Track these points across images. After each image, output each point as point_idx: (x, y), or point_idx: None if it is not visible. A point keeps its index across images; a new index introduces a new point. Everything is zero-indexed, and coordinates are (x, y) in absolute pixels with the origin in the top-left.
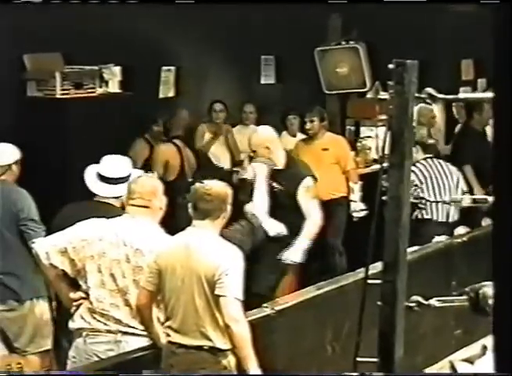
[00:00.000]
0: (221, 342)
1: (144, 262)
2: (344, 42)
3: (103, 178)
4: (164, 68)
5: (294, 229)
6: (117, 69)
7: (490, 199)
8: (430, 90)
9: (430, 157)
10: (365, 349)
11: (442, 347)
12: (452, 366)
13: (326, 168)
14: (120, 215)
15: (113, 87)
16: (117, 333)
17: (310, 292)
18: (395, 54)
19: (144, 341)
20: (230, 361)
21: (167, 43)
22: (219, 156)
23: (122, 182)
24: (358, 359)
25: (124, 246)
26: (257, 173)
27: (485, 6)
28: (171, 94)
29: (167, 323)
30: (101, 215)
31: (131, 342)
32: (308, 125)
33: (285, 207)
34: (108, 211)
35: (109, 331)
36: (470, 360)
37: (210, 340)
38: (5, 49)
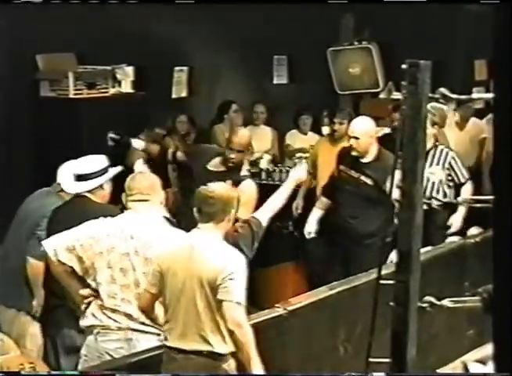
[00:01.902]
0: (221, 347)
1: (153, 253)
2: (356, 42)
3: (75, 177)
4: (177, 68)
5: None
6: (130, 69)
7: None
8: (443, 90)
9: None
10: (378, 350)
11: (455, 347)
12: (465, 367)
13: None
14: (98, 208)
15: (126, 87)
16: (128, 330)
17: (323, 292)
18: (408, 54)
19: (155, 340)
20: (230, 365)
21: (180, 43)
22: None
23: (93, 178)
24: (371, 359)
25: (131, 239)
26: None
27: (486, 6)
28: (183, 94)
29: (167, 326)
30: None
31: (142, 340)
32: (336, 126)
33: (372, 200)
34: (83, 203)
35: (120, 329)
36: (482, 361)
37: (210, 344)
38: (18, 49)
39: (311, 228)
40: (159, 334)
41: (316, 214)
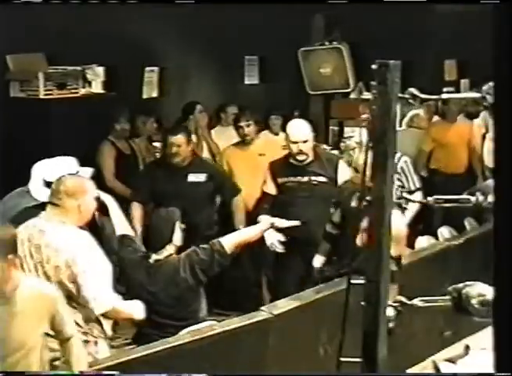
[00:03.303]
0: None
1: (61, 262)
2: (327, 43)
3: (44, 182)
4: (148, 69)
5: None
6: (101, 69)
7: (472, 199)
8: (413, 90)
9: None
10: (355, 350)
11: (427, 347)
12: (436, 366)
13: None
14: None
15: (97, 87)
16: None
17: (309, 296)
18: (378, 54)
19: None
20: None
21: (151, 44)
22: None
23: None
24: (342, 359)
25: (45, 247)
26: None
27: (485, 6)
28: (154, 94)
29: None
30: None
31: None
32: (246, 130)
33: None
34: None
35: None
36: (452, 360)
37: None
38: None
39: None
40: None
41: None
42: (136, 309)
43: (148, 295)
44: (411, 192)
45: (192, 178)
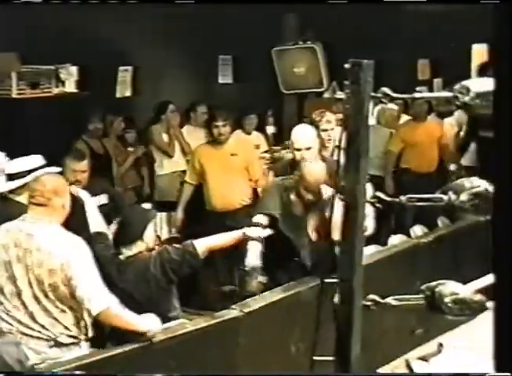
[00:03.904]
0: None
1: (55, 264)
2: (301, 42)
3: (7, 176)
4: (121, 68)
5: None
6: (74, 69)
7: (445, 197)
8: (385, 89)
9: None
10: (330, 348)
11: (400, 345)
12: (408, 365)
13: (236, 174)
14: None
15: (70, 87)
16: (18, 334)
17: (279, 293)
18: (352, 54)
19: (44, 345)
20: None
21: (125, 43)
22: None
23: (19, 177)
24: (315, 357)
25: (37, 251)
26: None
27: (485, 6)
28: (128, 94)
29: None
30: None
31: (31, 344)
32: (221, 130)
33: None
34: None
35: (10, 332)
36: (425, 358)
37: None
38: None
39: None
40: (48, 340)
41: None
42: (145, 322)
43: (119, 292)
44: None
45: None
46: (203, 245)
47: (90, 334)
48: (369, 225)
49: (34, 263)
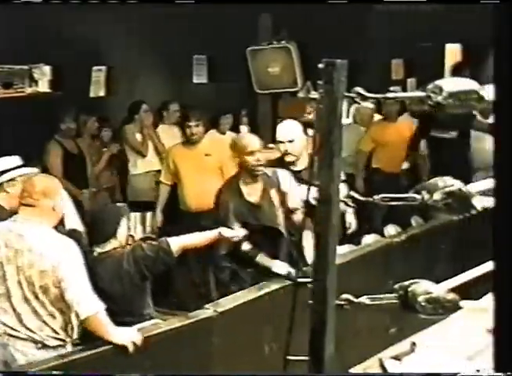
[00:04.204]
0: None
1: (46, 265)
2: (275, 42)
3: None
4: (95, 68)
5: None
6: (47, 68)
7: (418, 197)
8: (359, 89)
9: None
10: (303, 348)
11: (373, 344)
12: (381, 364)
13: (210, 174)
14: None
15: (43, 86)
16: (5, 336)
17: (253, 293)
18: (326, 54)
19: (31, 347)
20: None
21: (99, 43)
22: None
23: None
24: (289, 357)
25: (28, 252)
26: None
27: (485, 6)
28: (102, 94)
29: None
30: None
31: (18, 346)
32: (194, 129)
33: None
34: None
35: None
36: (398, 358)
37: None
38: None
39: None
40: (35, 342)
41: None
42: (122, 336)
43: (92, 289)
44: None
45: None
46: (177, 243)
47: (75, 336)
48: (352, 221)
49: (25, 264)
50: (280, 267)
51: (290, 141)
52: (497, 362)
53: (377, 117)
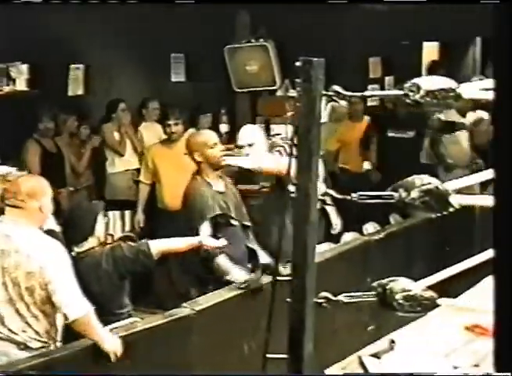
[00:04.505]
0: None
1: (33, 267)
2: (253, 40)
3: None
4: (73, 66)
5: None
6: (25, 67)
7: (396, 195)
8: (336, 87)
9: None
10: (282, 346)
11: (352, 342)
12: (361, 362)
13: (189, 173)
14: None
15: (21, 85)
16: None
17: (230, 291)
18: (304, 52)
19: (12, 348)
20: None
21: (76, 41)
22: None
23: None
24: (268, 355)
25: (15, 253)
26: None
27: (485, 6)
28: (80, 92)
29: None
30: None
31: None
32: (173, 128)
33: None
34: None
35: None
36: (377, 355)
37: None
38: None
39: None
40: (17, 343)
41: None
42: (110, 342)
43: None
44: None
45: None
46: (157, 247)
47: (58, 339)
48: (338, 222)
49: (12, 265)
50: (237, 274)
51: (250, 145)
52: (497, 362)
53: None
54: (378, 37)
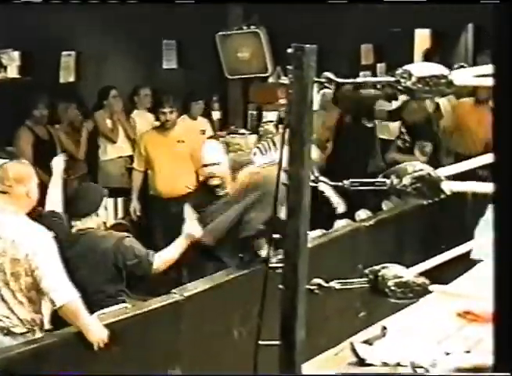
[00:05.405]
0: None
1: (19, 254)
2: (245, 27)
3: None
4: (65, 53)
5: None
6: (16, 54)
7: (387, 181)
8: (328, 74)
9: None
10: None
11: (345, 328)
12: (353, 348)
13: (182, 161)
14: None
15: (12, 72)
16: None
17: (220, 277)
18: (296, 39)
19: None
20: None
21: (68, 28)
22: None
23: None
24: (260, 342)
25: (0, 239)
26: None
27: (485, 6)
28: (71, 79)
29: None
30: None
31: None
32: (168, 116)
33: None
34: None
35: None
36: (369, 342)
37: None
38: None
39: None
40: (2, 329)
41: None
42: (97, 329)
43: (65, 263)
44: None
45: None
46: (161, 260)
47: (46, 327)
48: (339, 201)
49: None
50: (190, 227)
51: (216, 164)
52: (497, 362)
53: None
54: (370, 24)
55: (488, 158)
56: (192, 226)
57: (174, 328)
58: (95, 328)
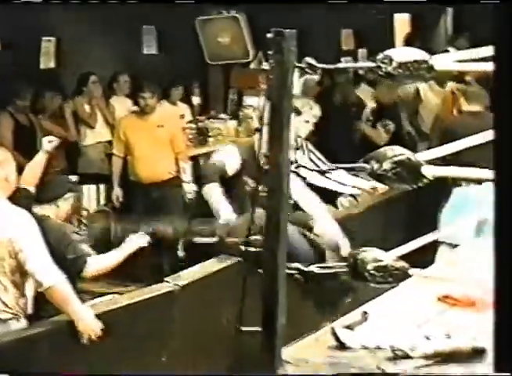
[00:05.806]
0: None
1: (2, 237)
2: (224, 11)
3: None
4: (45, 39)
5: None
6: None
7: (367, 166)
8: (309, 60)
9: None
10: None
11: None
12: (334, 333)
13: (162, 146)
14: None
15: None
16: None
17: (213, 266)
18: (275, 24)
19: None
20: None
21: (47, 14)
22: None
23: None
24: (242, 328)
25: None
26: None
27: (485, 6)
28: (52, 65)
29: None
30: None
31: None
32: (148, 101)
33: None
34: None
35: None
36: (350, 327)
37: None
38: None
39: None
40: None
41: None
42: (87, 318)
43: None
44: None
45: None
46: (93, 269)
47: (29, 311)
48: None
49: None
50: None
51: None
52: (497, 362)
53: None
54: (350, 9)
55: (468, 142)
56: (140, 237)
57: (166, 317)
58: (87, 318)
